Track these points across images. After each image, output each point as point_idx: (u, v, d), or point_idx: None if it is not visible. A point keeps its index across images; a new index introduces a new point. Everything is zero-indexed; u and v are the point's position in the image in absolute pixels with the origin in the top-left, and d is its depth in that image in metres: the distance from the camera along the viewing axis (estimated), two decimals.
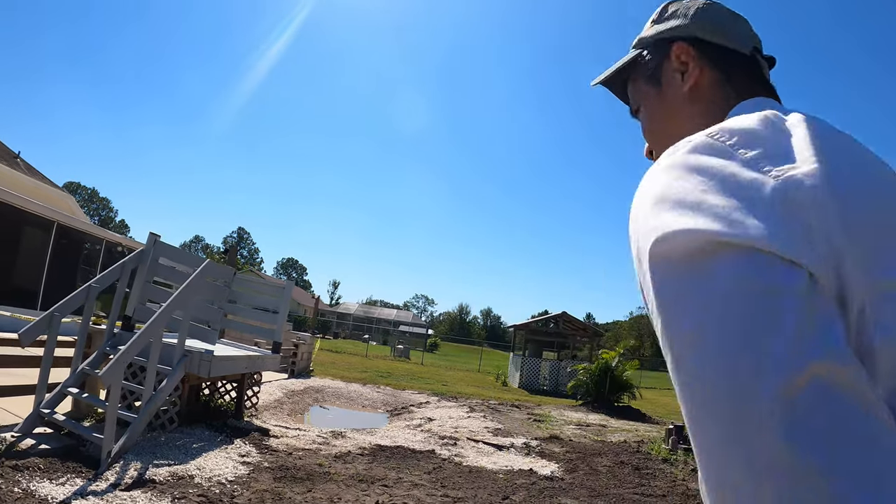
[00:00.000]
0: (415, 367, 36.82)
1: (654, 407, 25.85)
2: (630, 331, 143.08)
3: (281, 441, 9.55)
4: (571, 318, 37.24)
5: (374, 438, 11.14)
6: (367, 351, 43.55)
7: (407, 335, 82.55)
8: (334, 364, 27.98)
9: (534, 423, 16.25)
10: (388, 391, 20.42)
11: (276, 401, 14.04)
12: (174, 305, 7.93)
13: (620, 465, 11.20)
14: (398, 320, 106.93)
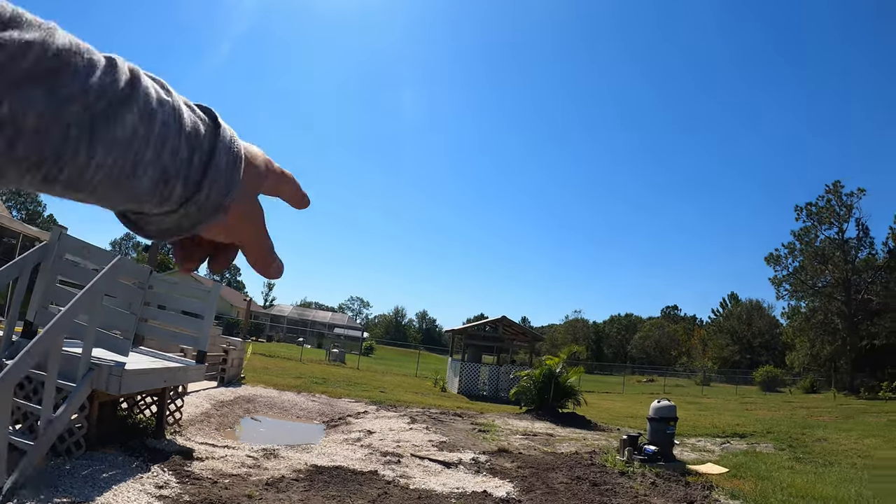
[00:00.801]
0: (351, 372, 35.83)
1: (598, 412, 25.48)
2: (565, 334, 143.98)
3: (206, 465, 8.41)
4: (511, 322, 36.92)
5: (310, 457, 10.06)
6: (301, 355, 42.37)
7: (342, 338, 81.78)
8: (267, 370, 26.77)
9: (479, 433, 15.48)
10: (324, 399, 19.31)
11: (202, 413, 12.87)
12: (78, 309, 6.81)
13: (577, 480, 10.56)
14: (333, 323, 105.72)
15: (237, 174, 0.69)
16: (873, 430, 24.10)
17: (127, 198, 0.62)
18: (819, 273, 70.73)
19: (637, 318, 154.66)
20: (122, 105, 0.57)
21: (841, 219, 69.57)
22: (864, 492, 11.98)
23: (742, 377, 76.18)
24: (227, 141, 0.69)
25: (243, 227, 0.75)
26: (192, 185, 0.65)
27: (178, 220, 0.68)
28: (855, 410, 36.65)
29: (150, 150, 0.60)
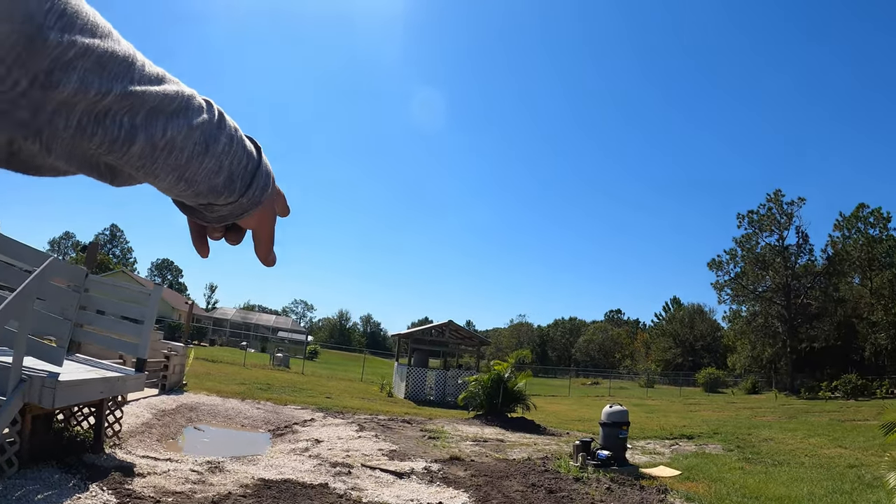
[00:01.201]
0: (296, 377, 35.16)
1: (546, 416, 25.41)
2: (510, 338, 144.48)
3: (148, 481, 7.92)
4: (458, 326, 36.86)
5: (256, 470, 9.61)
6: (245, 359, 41.36)
7: (286, 342, 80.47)
8: (210, 375, 26.11)
9: (429, 440, 15.20)
10: (269, 407, 18.78)
11: (143, 424, 12.31)
12: (7, 314, 6.35)
13: (533, 488, 10.37)
14: (277, 326, 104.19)
15: (270, 180, 1.01)
16: (817, 430, 24.39)
17: (210, 190, 0.90)
18: (760, 278, 72.72)
19: (581, 321, 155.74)
20: (219, 130, 0.88)
21: (781, 226, 71.80)
22: (817, 490, 12.01)
23: (685, 379, 77.37)
24: (265, 159, 1.00)
25: (264, 220, 1.05)
26: (246, 184, 0.95)
27: (232, 209, 0.97)
28: (797, 410, 37.20)
29: (227, 159, 0.90)
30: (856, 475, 13.88)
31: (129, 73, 0.72)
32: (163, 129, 0.78)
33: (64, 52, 0.64)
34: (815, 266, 71.80)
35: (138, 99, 0.73)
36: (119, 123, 0.73)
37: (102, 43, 0.69)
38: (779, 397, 54.99)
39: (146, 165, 0.79)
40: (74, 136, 0.70)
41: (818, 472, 14.53)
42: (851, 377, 52.17)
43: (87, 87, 0.67)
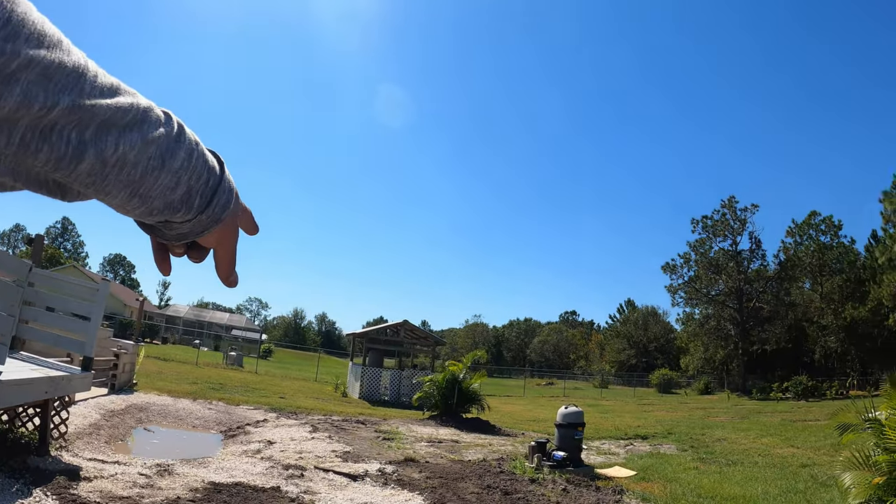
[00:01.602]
0: (249, 377, 34.73)
1: (501, 416, 25.43)
2: (466, 339, 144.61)
3: (94, 486, 7.65)
4: (413, 326, 36.70)
5: (207, 473, 9.37)
6: (197, 358, 40.70)
7: (240, 340, 79.54)
8: (161, 374, 25.65)
9: (383, 441, 15.04)
10: (221, 407, 18.47)
11: (91, 425, 11.98)
12: None
13: (488, 489, 10.27)
14: (231, 324, 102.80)
15: (232, 197, 0.95)
16: (769, 430, 24.65)
17: (165, 206, 0.85)
18: (713, 282, 74.09)
19: (536, 322, 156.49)
20: (176, 144, 0.83)
21: (735, 232, 73.45)
22: (771, 490, 12.09)
23: (639, 380, 78.39)
24: (228, 174, 0.95)
25: (226, 238, 1.00)
26: (206, 200, 0.90)
27: (191, 226, 0.92)
28: (749, 411, 37.64)
29: (185, 175, 0.85)
30: (809, 474, 14.01)
31: (77, 85, 0.67)
32: (114, 145, 0.73)
33: (5, 65, 0.60)
34: (767, 271, 73.82)
35: (87, 112, 0.69)
36: (66, 139, 0.68)
37: (49, 53, 0.64)
38: (731, 398, 55.69)
39: (96, 182, 0.75)
40: (17, 153, 0.66)
41: (772, 471, 14.66)
42: (802, 379, 53.03)
43: (30, 101, 0.63)
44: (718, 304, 74.32)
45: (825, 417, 28.24)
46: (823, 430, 22.84)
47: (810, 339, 72.09)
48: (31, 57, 0.61)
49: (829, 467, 13.99)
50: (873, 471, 7.45)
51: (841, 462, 8.52)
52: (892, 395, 7.59)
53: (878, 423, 7.82)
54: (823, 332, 69.65)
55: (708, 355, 75.01)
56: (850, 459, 7.99)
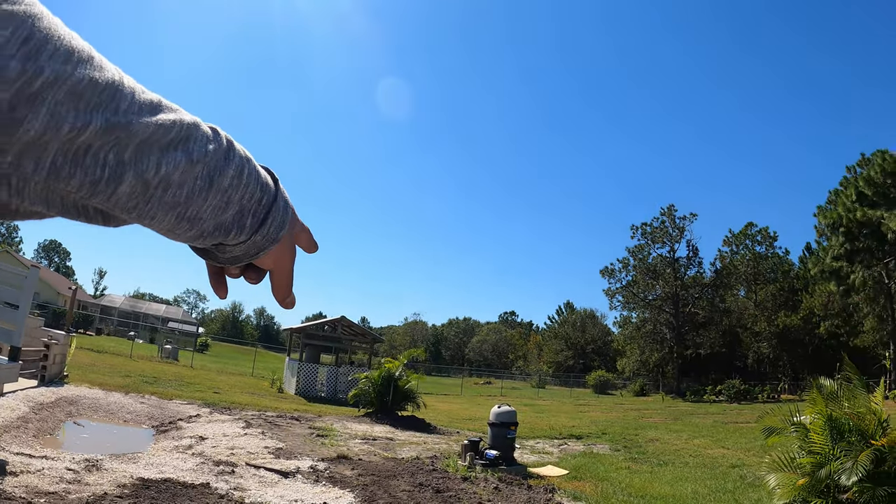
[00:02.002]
0: (184, 371, 34.20)
1: (437, 415, 25.37)
2: (405, 336, 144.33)
3: (20, 481, 7.42)
4: (350, 322, 36.54)
5: (136, 468, 9.15)
6: (132, 350, 39.89)
7: (176, 333, 78.45)
8: (94, 367, 25.06)
9: (317, 438, 14.93)
10: (154, 401, 18.10)
11: (19, 418, 11.60)
12: None
13: (420, 487, 10.22)
14: (167, 316, 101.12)
15: (288, 215, 0.89)
16: (701, 431, 25.06)
17: (216, 228, 0.79)
18: (650, 287, 75.59)
19: (475, 322, 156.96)
20: (226, 161, 0.77)
21: (673, 239, 75.29)
22: (700, 489, 12.28)
23: (576, 380, 79.55)
24: (283, 191, 0.90)
25: (283, 259, 0.94)
26: (259, 220, 0.84)
27: (246, 248, 0.86)
28: (682, 412, 38.25)
29: (237, 193, 0.79)
30: (738, 475, 14.27)
31: (112, 103, 0.61)
32: (156, 165, 0.67)
33: (28, 84, 0.53)
34: (703, 278, 75.85)
35: (124, 132, 0.62)
36: (102, 162, 0.62)
37: (78, 70, 0.57)
38: (665, 400, 56.63)
39: (139, 206, 0.69)
40: (49, 180, 0.60)
41: (702, 471, 14.90)
42: (735, 382, 54.34)
43: (59, 123, 0.56)
44: (655, 309, 75.82)
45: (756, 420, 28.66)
46: (754, 432, 23.26)
47: (744, 344, 74.23)
48: (58, 74, 0.55)
49: (758, 468, 14.18)
50: (798, 472, 7.62)
51: (767, 464, 8.69)
52: (816, 400, 7.75)
53: (802, 427, 7.99)
54: (757, 338, 71.89)
55: (644, 358, 76.32)
56: (776, 461, 8.15)
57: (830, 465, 7.02)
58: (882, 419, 7.53)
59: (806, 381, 58.33)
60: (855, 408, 7.58)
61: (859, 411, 7.51)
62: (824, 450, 7.40)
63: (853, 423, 7.41)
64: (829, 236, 50.62)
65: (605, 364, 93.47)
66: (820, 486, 7.18)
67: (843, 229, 46.95)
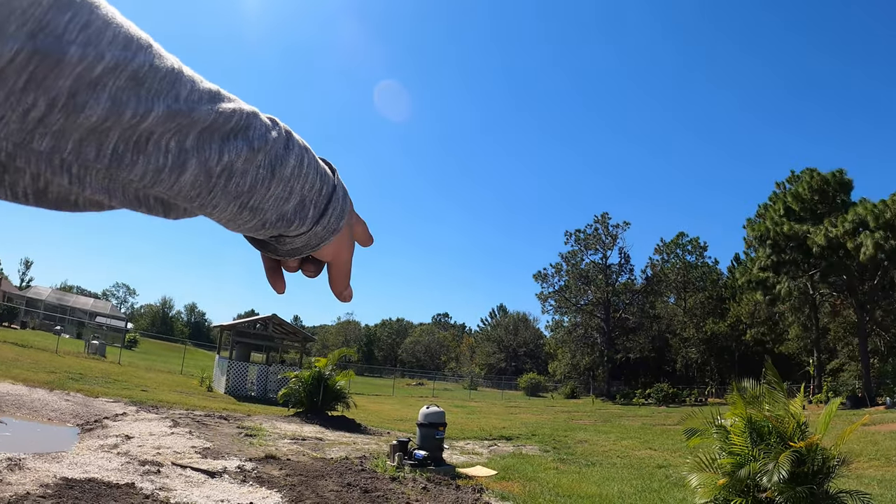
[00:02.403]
0: (111, 367, 33.34)
1: (368, 415, 25.34)
2: (337, 336, 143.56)
3: None
4: (281, 320, 36.18)
5: (60, 468, 8.93)
6: (58, 346, 38.72)
7: (104, 328, 76.42)
8: (18, 362, 24.46)
9: (246, 438, 14.77)
10: (80, 399, 17.71)
11: None
12: None
13: (348, 487, 10.22)
14: (95, 311, 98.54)
15: (346, 206, 0.89)
16: (629, 433, 25.46)
17: (279, 218, 0.78)
18: (582, 292, 76.93)
19: (409, 323, 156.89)
20: (286, 151, 0.75)
21: (606, 246, 76.70)
22: (626, 489, 12.47)
23: (508, 383, 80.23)
24: (342, 182, 0.88)
25: (341, 251, 0.93)
26: (320, 210, 0.83)
27: (307, 238, 0.85)
28: (612, 414, 38.81)
29: (298, 183, 0.77)
30: (664, 475, 14.54)
31: (173, 90, 0.60)
32: (219, 153, 0.66)
33: (89, 69, 0.52)
34: (634, 284, 77.64)
35: (186, 119, 0.61)
36: (165, 149, 0.61)
37: (139, 56, 0.56)
38: (596, 402, 57.40)
39: (202, 195, 0.68)
40: (111, 167, 0.59)
41: (629, 471, 15.14)
42: (664, 386, 55.47)
43: (121, 109, 0.55)
44: (587, 314, 77.12)
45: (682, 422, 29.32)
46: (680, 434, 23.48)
47: (673, 349, 75.89)
48: (118, 60, 0.54)
49: (683, 469, 14.54)
50: (719, 472, 7.80)
51: (689, 465, 8.88)
52: (737, 403, 7.94)
53: (723, 430, 8.18)
54: (685, 343, 73.61)
55: (575, 361, 77.43)
56: (698, 462, 8.34)
57: (750, 465, 7.19)
58: (801, 422, 7.74)
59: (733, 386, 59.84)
60: (775, 411, 7.78)
61: (779, 414, 7.71)
62: (744, 451, 7.60)
63: (773, 425, 7.61)
64: (756, 248, 51.95)
65: (537, 367, 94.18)
66: (740, 485, 7.35)
67: (770, 242, 48.27)
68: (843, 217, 43.68)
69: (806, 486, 6.97)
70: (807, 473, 7.22)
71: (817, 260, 45.61)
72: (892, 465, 16.64)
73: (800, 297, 51.88)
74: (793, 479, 6.96)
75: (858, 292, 46.92)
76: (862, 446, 18.58)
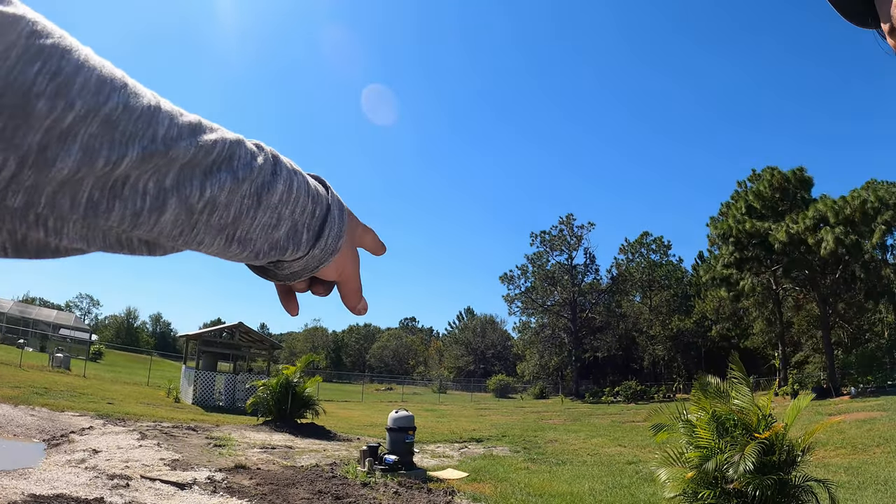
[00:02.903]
0: (76, 381, 32.91)
1: (337, 421, 25.33)
2: (305, 343, 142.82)
3: None
4: (248, 328, 36.01)
5: (27, 485, 8.81)
6: (21, 360, 38.16)
7: (68, 341, 75.39)
8: None
9: (215, 448, 14.69)
10: (45, 413, 17.47)
11: None
12: None
13: (319, 495, 10.23)
14: (59, 323, 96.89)
15: (344, 223, 0.87)
16: (599, 431, 25.65)
17: (271, 247, 0.77)
18: (549, 293, 77.28)
19: (376, 328, 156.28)
20: (273, 177, 0.74)
21: (571, 247, 77.29)
22: (597, 486, 12.56)
23: (477, 385, 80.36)
24: (337, 198, 0.88)
25: (347, 267, 0.92)
26: (314, 233, 0.82)
27: (305, 262, 0.84)
28: (581, 413, 39.10)
29: (287, 209, 0.76)
30: (634, 471, 14.69)
31: (149, 130, 0.58)
32: (200, 188, 0.65)
33: (59, 121, 0.50)
34: (600, 284, 78.36)
35: (163, 158, 0.60)
36: (142, 191, 0.60)
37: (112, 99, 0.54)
38: (565, 402, 57.68)
39: (184, 233, 0.66)
40: (87, 217, 0.57)
41: (599, 469, 15.27)
42: (632, 383, 55.98)
43: (93, 158, 0.53)
44: (553, 314, 77.45)
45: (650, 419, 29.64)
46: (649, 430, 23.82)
47: (640, 347, 76.74)
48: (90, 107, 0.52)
49: (652, 464, 14.69)
50: (686, 466, 7.89)
51: (657, 460, 8.97)
52: (700, 398, 8.05)
53: (689, 424, 8.28)
54: (652, 341, 74.45)
55: (543, 362, 77.77)
56: (666, 457, 8.43)
57: (717, 457, 7.30)
58: (766, 413, 7.86)
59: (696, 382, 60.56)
60: (741, 404, 7.89)
61: (743, 407, 7.82)
62: (710, 444, 7.70)
63: (738, 418, 7.72)
64: (720, 245, 52.55)
65: (506, 368, 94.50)
66: (708, 477, 7.46)
67: (732, 239, 48.84)
68: (804, 214, 44.38)
69: (773, 475, 7.08)
70: (774, 463, 7.33)
71: (779, 256, 46.21)
72: (859, 453, 16.94)
73: (763, 292, 52.53)
74: (760, 470, 7.07)
75: (821, 286, 47.65)
76: (828, 435, 18.89)
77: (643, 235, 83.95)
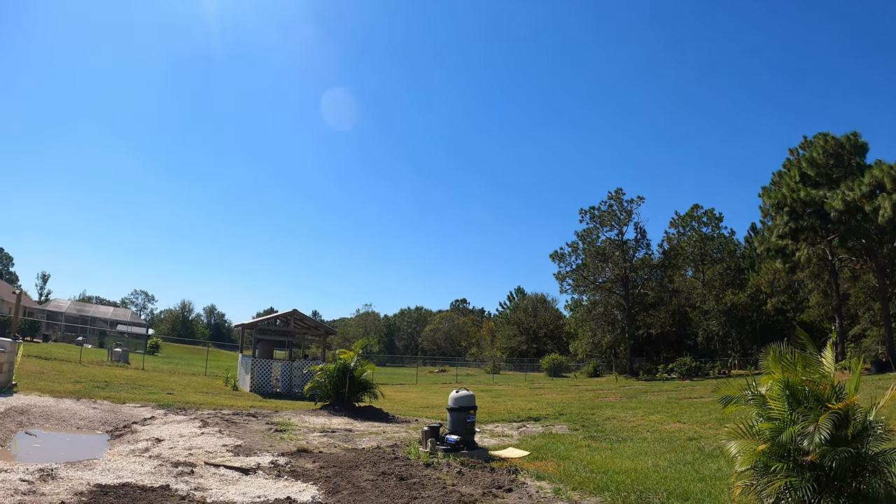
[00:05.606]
0: (135, 374, 33.57)
1: (394, 404, 25.39)
2: (357, 328, 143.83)
3: None
4: (302, 315, 36.18)
5: (93, 475, 8.93)
6: (81, 356, 38.89)
7: (125, 336, 76.80)
8: (43, 374, 24.58)
9: (276, 433, 14.80)
10: (107, 406, 17.77)
11: None
12: None
13: (383, 476, 10.24)
14: (115, 319, 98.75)
15: None
16: (656, 408, 25.33)
17: None
18: (600, 270, 76.70)
19: (427, 310, 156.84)
20: None
21: (621, 222, 76.23)
22: (661, 462, 12.40)
23: (530, 365, 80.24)
24: None
25: None
26: None
27: None
28: (636, 391, 38.67)
29: None
30: (696, 447, 14.47)
31: None
32: None
33: None
34: (651, 259, 77.27)
35: None
36: None
37: None
38: (619, 379, 57.26)
39: None
40: None
41: (660, 445, 15.07)
42: (686, 360, 55.38)
43: None
44: (605, 291, 76.80)
45: (708, 395, 29.31)
46: (707, 406, 23.69)
47: (693, 322, 75.95)
48: None
49: (715, 440, 14.50)
50: (757, 439, 7.72)
51: (726, 433, 8.81)
52: (773, 367, 7.86)
53: (760, 396, 8.10)
54: (705, 316, 73.68)
55: (596, 340, 77.44)
56: (735, 430, 8.26)
57: (791, 429, 7.12)
58: (835, 384, 7.66)
59: (755, 356, 59.70)
60: (809, 374, 7.70)
61: (814, 377, 7.63)
62: (783, 416, 7.52)
63: (809, 389, 7.53)
64: (773, 216, 51.36)
65: (558, 347, 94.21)
66: (781, 450, 7.28)
67: (787, 209, 47.68)
68: (860, 180, 43.10)
69: (848, 447, 6.90)
70: (847, 436, 7.15)
71: (835, 225, 45.05)
72: None
73: (819, 263, 51.47)
74: (832, 441, 6.89)
75: (878, 256, 46.47)
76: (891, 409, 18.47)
77: (694, 208, 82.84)
